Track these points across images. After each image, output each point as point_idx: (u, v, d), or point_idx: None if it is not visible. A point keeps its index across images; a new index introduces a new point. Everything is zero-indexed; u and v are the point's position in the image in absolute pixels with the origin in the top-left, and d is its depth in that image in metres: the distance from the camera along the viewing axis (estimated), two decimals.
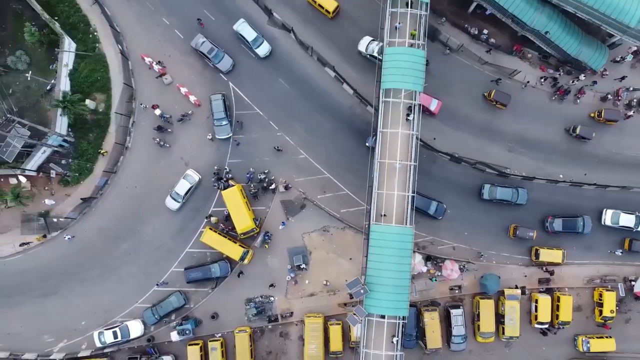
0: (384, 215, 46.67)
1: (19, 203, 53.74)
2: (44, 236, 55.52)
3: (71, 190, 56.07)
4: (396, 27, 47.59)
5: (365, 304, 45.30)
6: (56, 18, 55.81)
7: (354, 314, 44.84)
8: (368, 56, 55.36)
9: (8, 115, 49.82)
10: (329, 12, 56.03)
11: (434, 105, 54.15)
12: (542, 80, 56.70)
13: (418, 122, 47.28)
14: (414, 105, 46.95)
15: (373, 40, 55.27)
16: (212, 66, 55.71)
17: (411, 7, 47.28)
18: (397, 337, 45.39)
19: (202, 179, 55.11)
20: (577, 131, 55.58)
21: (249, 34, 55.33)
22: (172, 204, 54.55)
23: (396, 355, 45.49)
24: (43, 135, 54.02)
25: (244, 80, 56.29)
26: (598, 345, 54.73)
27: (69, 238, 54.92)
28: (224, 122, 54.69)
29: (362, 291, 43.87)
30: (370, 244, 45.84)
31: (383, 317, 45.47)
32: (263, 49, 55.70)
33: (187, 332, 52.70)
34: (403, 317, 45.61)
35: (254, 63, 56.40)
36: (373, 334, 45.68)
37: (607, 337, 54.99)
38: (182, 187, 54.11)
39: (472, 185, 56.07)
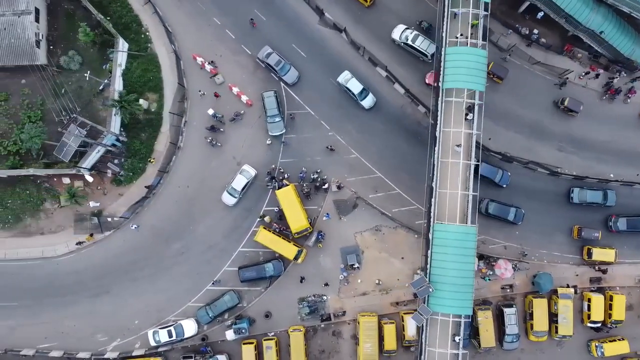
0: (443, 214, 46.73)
1: (74, 202, 53.86)
2: (91, 235, 55.63)
3: (124, 189, 56.23)
4: (455, 15, 47.52)
5: (430, 302, 45.36)
6: (108, 18, 55.85)
7: (419, 313, 44.90)
8: (402, 44, 55.27)
9: (72, 115, 49.85)
10: (365, 1, 55.90)
11: None
12: (584, 74, 56.61)
13: (479, 121, 47.40)
14: (475, 105, 47.02)
15: (407, 28, 55.28)
16: (278, 78, 55.56)
17: (472, 7, 47.27)
18: (460, 335, 45.46)
19: (257, 174, 55.13)
20: (565, 103, 55.31)
21: (355, 87, 54.32)
22: (229, 200, 54.63)
23: (460, 353, 45.57)
24: (97, 134, 54.20)
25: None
26: (612, 348, 54.67)
27: (135, 227, 55.19)
28: (277, 119, 54.73)
29: (429, 289, 43.95)
30: (434, 243, 45.86)
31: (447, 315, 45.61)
32: (368, 101, 54.86)
33: (243, 331, 52.80)
34: (467, 315, 45.68)
35: (304, 63, 56.46)
36: (437, 332, 45.73)
37: (619, 340, 55.00)
38: (239, 182, 54.08)
39: (518, 184, 56.01)
